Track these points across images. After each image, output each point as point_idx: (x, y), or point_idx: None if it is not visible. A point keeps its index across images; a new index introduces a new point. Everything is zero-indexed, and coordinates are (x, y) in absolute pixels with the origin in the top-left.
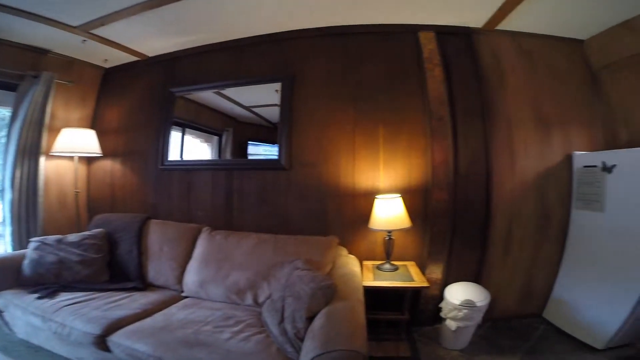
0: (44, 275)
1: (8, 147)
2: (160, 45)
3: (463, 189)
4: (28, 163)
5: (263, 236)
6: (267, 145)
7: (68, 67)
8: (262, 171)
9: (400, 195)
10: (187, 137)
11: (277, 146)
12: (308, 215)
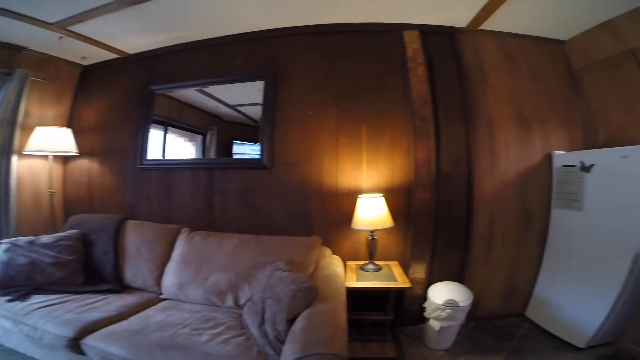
0: (15, 277)
1: None
2: (140, 42)
3: (445, 189)
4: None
5: (244, 237)
6: (253, 144)
7: (44, 64)
8: (244, 170)
9: (382, 195)
10: (171, 136)
11: (259, 145)
12: (291, 215)
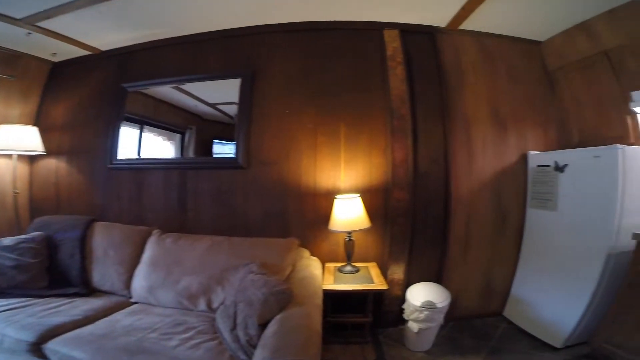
0: None
1: None
2: (113, 39)
3: (423, 189)
4: None
5: (217, 238)
6: (234, 144)
7: (11, 61)
8: (219, 170)
9: (359, 195)
10: (149, 135)
11: (235, 144)
12: (268, 216)
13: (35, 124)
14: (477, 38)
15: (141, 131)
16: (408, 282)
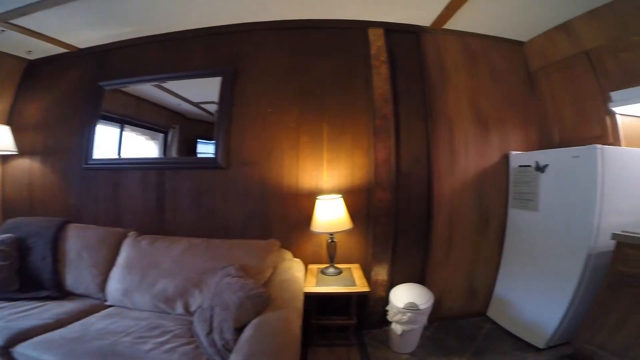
0: None
1: None
2: (91, 36)
3: (405, 189)
4: None
5: (194, 240)
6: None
7: None
8: (198, 170)
9: (341, 195)
10: (131, 134)
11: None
12: (249, 217)
13: (7, 124)
14: (461, 38)
15: (122, 130)
16: (392, 283)
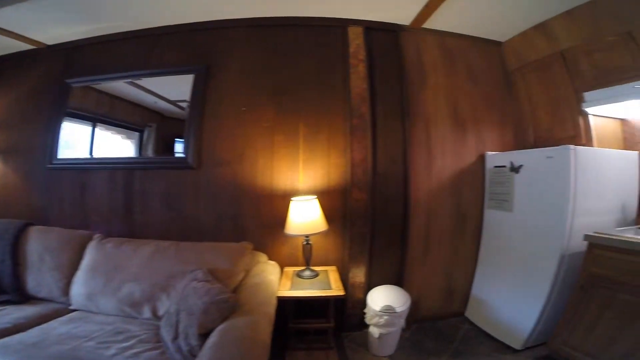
0: None
1: None
2: (60, 33)
3: (382, 189)
4: None
5: (163, 243)
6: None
7: None
8: (168, 171)
9: (316, 196)
10: (105, 133)
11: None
12: (221, 219)
13: None
14: (440, 37)
15: (93, 129)
16: (370, 285)
